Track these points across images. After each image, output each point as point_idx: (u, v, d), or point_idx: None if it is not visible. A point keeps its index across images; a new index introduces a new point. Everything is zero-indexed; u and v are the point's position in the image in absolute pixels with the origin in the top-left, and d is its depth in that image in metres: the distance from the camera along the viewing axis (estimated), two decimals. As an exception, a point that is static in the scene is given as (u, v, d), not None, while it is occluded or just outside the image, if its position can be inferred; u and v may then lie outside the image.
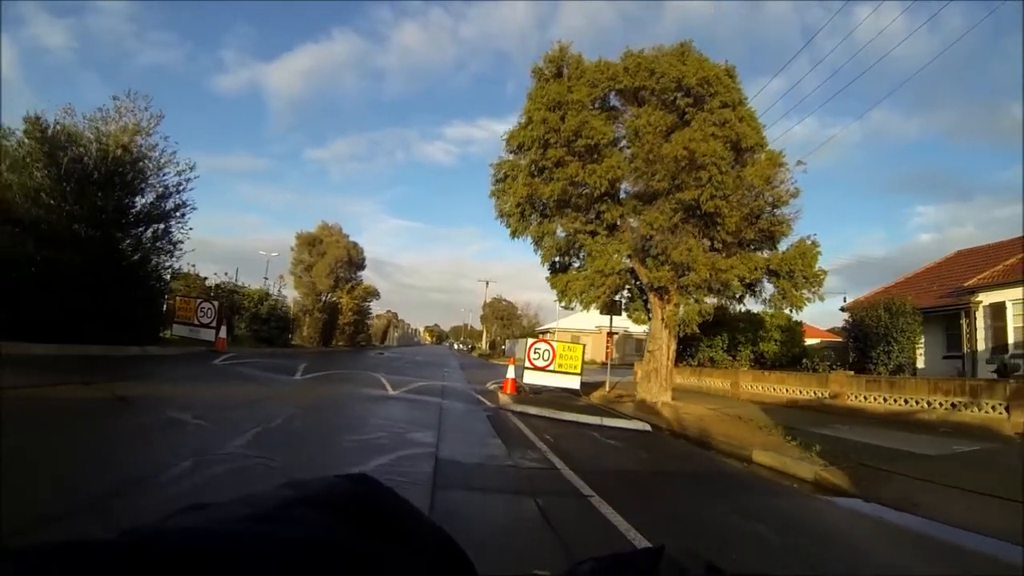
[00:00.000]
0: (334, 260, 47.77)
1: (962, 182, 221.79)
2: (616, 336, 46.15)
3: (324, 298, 46.56)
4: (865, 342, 22.43)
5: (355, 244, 51.53)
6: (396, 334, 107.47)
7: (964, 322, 23.59)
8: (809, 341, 33.16)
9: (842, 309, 27.10)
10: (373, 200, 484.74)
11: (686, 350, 26.46)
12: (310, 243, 48.37)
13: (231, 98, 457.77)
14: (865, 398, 16.60)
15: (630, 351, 51.96)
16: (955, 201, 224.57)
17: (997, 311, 22.51)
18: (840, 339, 29.31)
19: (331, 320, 47.25)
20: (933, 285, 27.29)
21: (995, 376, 17.15)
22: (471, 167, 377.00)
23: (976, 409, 13.58)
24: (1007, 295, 22.01)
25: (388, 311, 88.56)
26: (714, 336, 25.76)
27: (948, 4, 30.71)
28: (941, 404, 14.41)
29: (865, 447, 10.86)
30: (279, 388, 13.70)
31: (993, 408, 13.28)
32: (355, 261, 51.34)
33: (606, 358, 25.54)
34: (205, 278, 29.37)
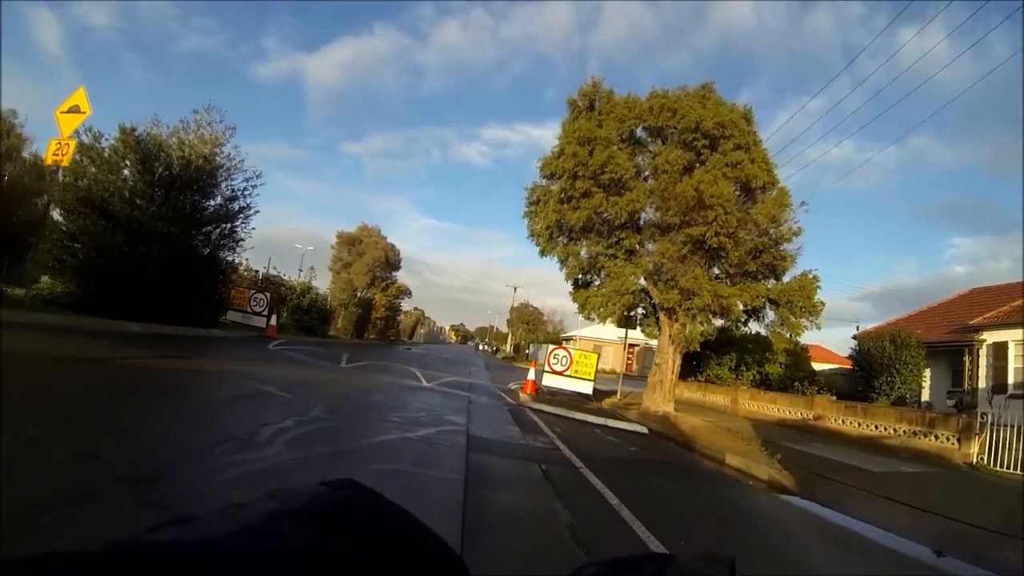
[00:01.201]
0: (372, 260, 50.48)
1: (1000, 216, 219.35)
2: (637, 348, 47.97)
3: (360, 294, 48.82)
4: (870, 371, 23.72)
5: (392, 246, 54.22)
6: (423, 331, 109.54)
7: (967, 359, 24.50)
8: (823, 366, 34.71)
9: (854, 337, 27.91)
10: (406, 198, 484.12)
11: (695, 366, 28.11)
12: (350, 243, 51.13)
13: (271, 86, 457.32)
14: (843, 422, 18.44)
15: (649, 363, 53.37)
16: (991, 235, 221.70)
17: (999, 350, 23.30)
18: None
19: (365, 315, 49.48)
20: (944, 320, 28.24)
21: (955, 410, 18.73)
22: (506, 170, 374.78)
23: (933, 439, 15.40)
24: (1010, 335, 22.83)
25: (415, 308, 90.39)
26: (723, 355, 27.45)
27: (994, 29, 32.00)
28: (905, 432, 16.22)
29: (824, 460, 12.82)
30: (331, 373, 15.71)
31: (947, 439, 15.08)
32: (391, 262, 53.98)
33: (628, 369, 27.27)
34: (257, 271, 31.67)
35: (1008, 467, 13.56)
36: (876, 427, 17.27)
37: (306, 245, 57.48)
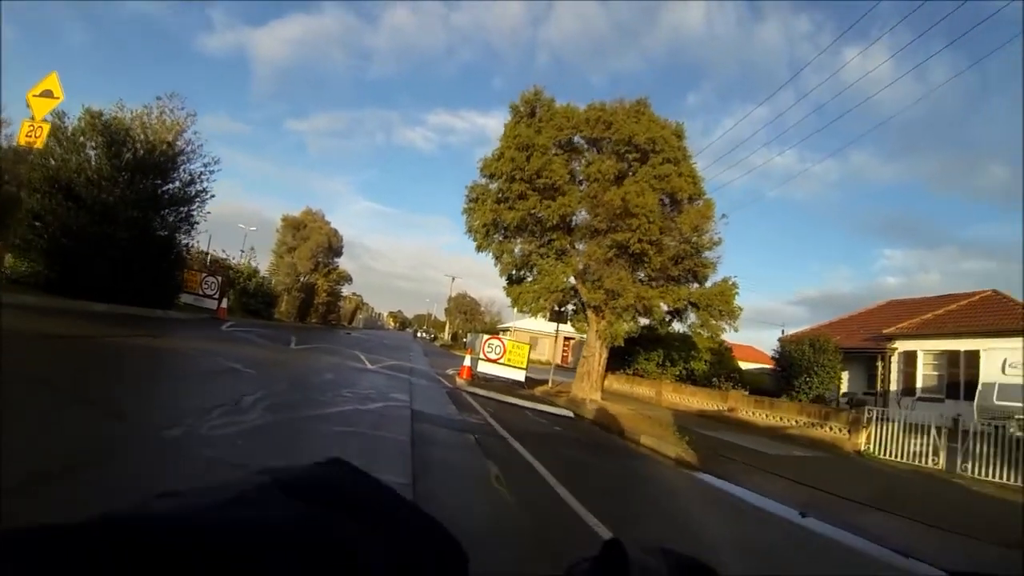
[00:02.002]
0: (316, 245, 51.11)
1: (931, 231, 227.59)
2: (573, 341, 49.63)
3: (303, 279, 49.54)
4: (790, 372, 25.55)
5: (335, 231, 54.81)
6: (362, 316, 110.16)
7: (880, 364, 26.89)
8: (754, 365, 36.90)
9: (779, 340, 29.72)
10: (348, 179, 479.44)
11: (625, 359, 29.84)
12: (295, 227, 51.56)
13: (216, 58, 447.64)
14: (753, 414, 20.31)
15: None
16: (923, 248, 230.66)
17: (909, 358, 25.69)
18: (779, 367, 32.56)
19: (308, 299, 50.26)
20: (863, 328, 30.60)
21: (846, 406, 20.66)
22: (450, 157, 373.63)
23: (828, 429, 17.29)
24: (919, 345, 25.27)
25: (354, 293, 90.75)
26: (651, 351, 29.20)
27: (935, 55, 34.27)
28: (804, 423, 18.10)
29: (727, 444, 14.49)
30: (284, 354, 16.79)
31: (839, 430, 17.00)
32: (334, 248, 54.59)
33: (563, 361, 28.70)
34: (207, 253, 32.32)
35: (889, 455, 15.44)
36: (780, 419, 19.11)
37: (249, 225, 57.77)
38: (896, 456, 15.38)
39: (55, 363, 8.00)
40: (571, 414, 16.91)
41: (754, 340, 76.50)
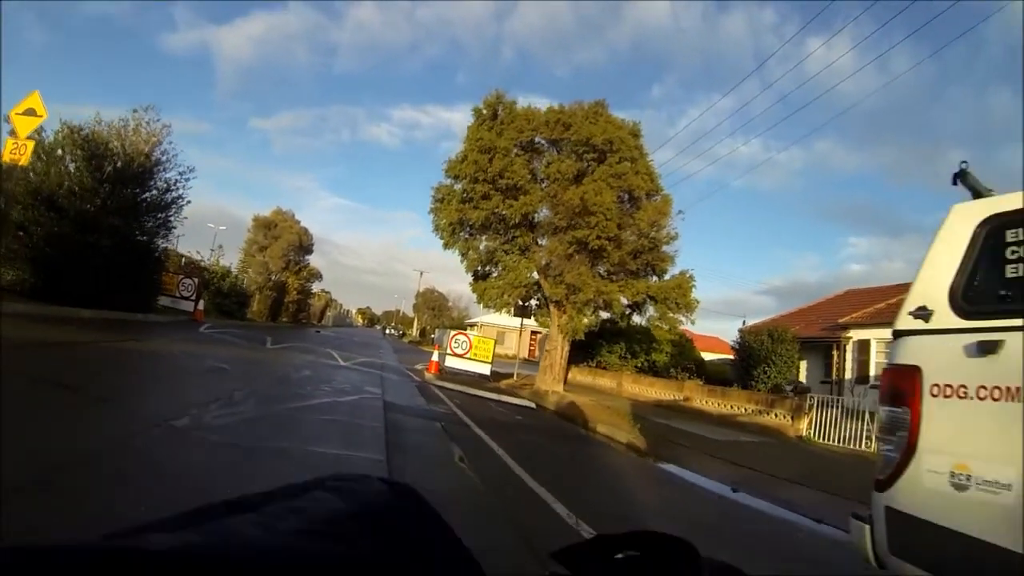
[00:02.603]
0: (287, 244, 51.67)
1: (894, 219, 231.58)
2: (540, 335, 50.43)
3: (274, 278, 49.99)
4: (749, 362, 26.51)
5: (306, 230, 55.35)
6: (331, 314, 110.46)
7: (836, 353, 27.72)
8: (716, 356, 37.99)
9: (739, 331, 30.67)
10: (314, 176, 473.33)
11: (588, 352, 30.92)
12: (266, 226, 52.00)
13: (179, 57, 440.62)
14: (706, 402, 21.45)
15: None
16: (887, 236, 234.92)
17: (863, 347, 26.41)
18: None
19: (279, 298, 50.75)
20: (821, 318, 31.38)
21: (791, 394, 21.72)
22: (416, 152, 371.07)
23: (773, 416, 18.41)
24: (873, 334, 25.67)
25: (323, 290, 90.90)
26: (613, 343, 30.29)
27: (896, 45, 35.48)
28: (753, 410, 19.23)
29: (678, 431, 15.52)
30: (263, 353, 17.60)
31: (784, 416, 18.13)
32: (304, 246, 55.22)
33: (530, 355, 29.52)
34: (182, 256, 32.81)
35: (828, 440, 16.59)
36: (731, 407, 20.24)
37: (218, 224, 57.92)
38: (834, 440, 16.53)
39: (62, 367, 8.71)
40: (533, 405, 17.85)
41: (720, 331, 78.12)
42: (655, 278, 23.04)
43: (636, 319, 25.58)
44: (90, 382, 7.99)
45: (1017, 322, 2.98)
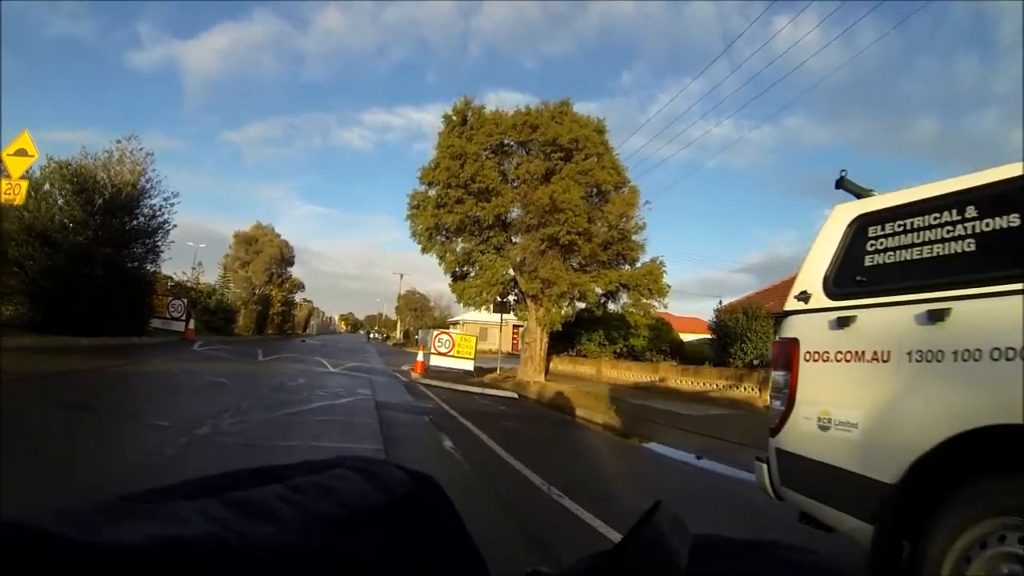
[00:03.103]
0: (269, 258, 52.63)
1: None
2: (522, 328, 51.41)
3: (258, 292, 50.79)
4: (726, 340, 27.45)
5: (286, 243, 56.45)
6: (315, 322, 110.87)
7: None
8: (695, 337, 38.85)
9: (715, 310, 31.59)
10: (288, 185, 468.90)
11: (569, 341, 31.94)
12: (247, 242, 52.77)
13: (146, 75, 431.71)
14: (681, 381, 22.52)
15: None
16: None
17: None
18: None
19: (264, 311, 51.57)
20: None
21: (760, 367, 22.70)
22: (388, 155, 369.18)
23: (743, 389, 19.43)
24: None
25: (305, 299, 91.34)
26: (592, 332, 31.31)
27: (861, 19, 36.49)
28: (724, 386, 20.26)
29: (652, 409, 16.45)
30: (257, 366, 18.48)
31: (752, 389, 19.13)
32: (286, 258, 56.22)
33: (514, 348, 30.38)
34: (169, 277, 33.46)
35: (795, 409, 17.60)
36: (704, 384, 21.27)
37: (197, 243, 58.52)
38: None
39: (80, 392, 9.55)
40: (515, 395, 18.82)
41: (700, 311, 78.96)
42: (627, 267, 24.09)
43: (612, 307, 26.61)
44: (108, 403, 8.85)
45: (867, 301, 3.92)
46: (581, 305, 25.78)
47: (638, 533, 0.61)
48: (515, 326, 32.01)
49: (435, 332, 26.70)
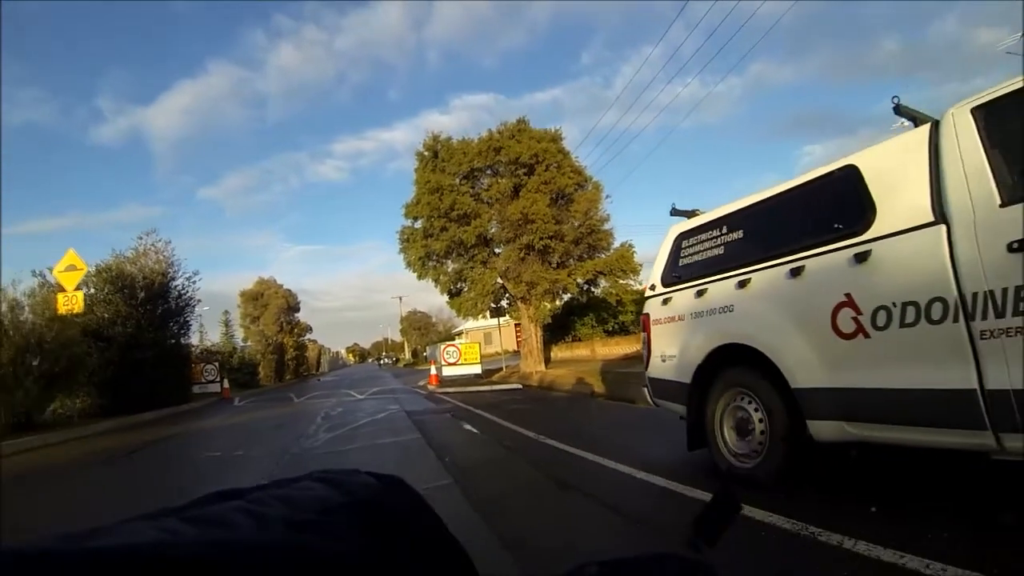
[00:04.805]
0: (277, 309, 56.47)
1: (843, 118, 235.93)
2: (519, 327, 54.39)
3: (272, 342, 53.95)
4: None
5: (290, 292, 60.53)
6: (326, 360, 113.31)
7: None
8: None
9: None
10: (272, 230, 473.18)
11: (565, 329, 35.23)
12: (253, 298, 56.73)
13: (114, 148, 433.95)
14: (664, 347, 25.35)
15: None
16: (840, 137, 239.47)
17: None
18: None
19: (280, 359, 54.72)
20: None
21: None
22: (363, 181, 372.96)
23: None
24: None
25: (311, 339, 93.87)
26: (584, 316, 34.47)
27: None
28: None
29: (635, 374, 18.98)
30: (298, 407, 21.23)
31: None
32: (292, 306, 60.16)
33: (518, 347, 33.08)
34: (195, 345, 36.61)
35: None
36: (683, 347, 24.15)
37: (200, 306, 61.53)
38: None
39: (194, 444, 12.71)
40: (520, 386, 21.86)
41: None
42: (602, 255, 27.01)
43: (596, 291, 29.57)
44: (218, 448, 11.92)
45: (677, 287, 6.95)
46: (566, 297, 28.97)
47: None
48: (517, 325, 34.93)
49: (442, 346, 29.90)
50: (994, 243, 3.75)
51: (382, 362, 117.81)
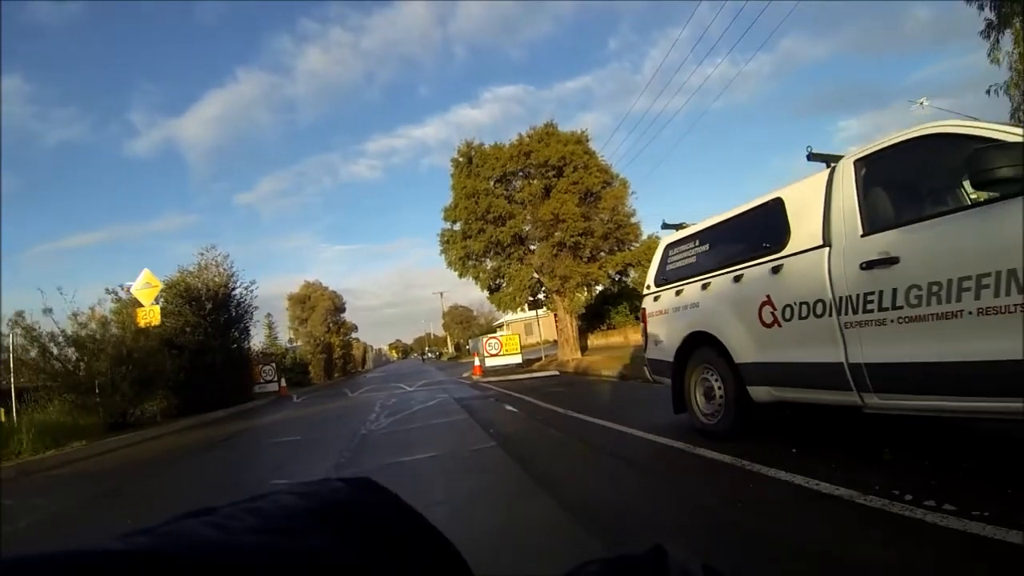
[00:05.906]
0: (324, 311, 59.56)
1: (876, 91, 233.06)
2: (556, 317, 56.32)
3: (320, 342, 56.18)
4: None
5: (336, 293, 63.75)
6: (371, 356, 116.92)
7: None
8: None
9: None
10: (309, 232, 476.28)
11: (600, 318, 37.13)
12: (300, 301, 60.05)
13: (148, 161, 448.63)
14: (692, 331, 27.04)
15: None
16: (873, 110, 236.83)
17: None
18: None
19: (329, 358, 56.91)
20: None
21: None
22: (397, 178, 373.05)
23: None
24: None
25: (355, 338, 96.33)
26: (618, 305, 36.25)
27: None
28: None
29: (661, 359, 21.21)
30: (354, 400, 23.16)
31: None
32: (338, 307, 63.43)
33: (557, 336, 35.18)
34: (255, 349, 39.04)
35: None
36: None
37: (260, 312, 64.63)
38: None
39: (276, 433, 15.15)
40: (557, 372, 23.76)
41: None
42: (630, 247, 28.73)
43: (627, 281, 31.48)
44: (295, 435, 14.06)
45: (664, 288, 8.80)
46: (599, 288, 30.81)
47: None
48: (554, 315, 36.94)
49: (484, 339, 31.97)
50: (854, 262, 5.47)
51: (425, 357, 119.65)
